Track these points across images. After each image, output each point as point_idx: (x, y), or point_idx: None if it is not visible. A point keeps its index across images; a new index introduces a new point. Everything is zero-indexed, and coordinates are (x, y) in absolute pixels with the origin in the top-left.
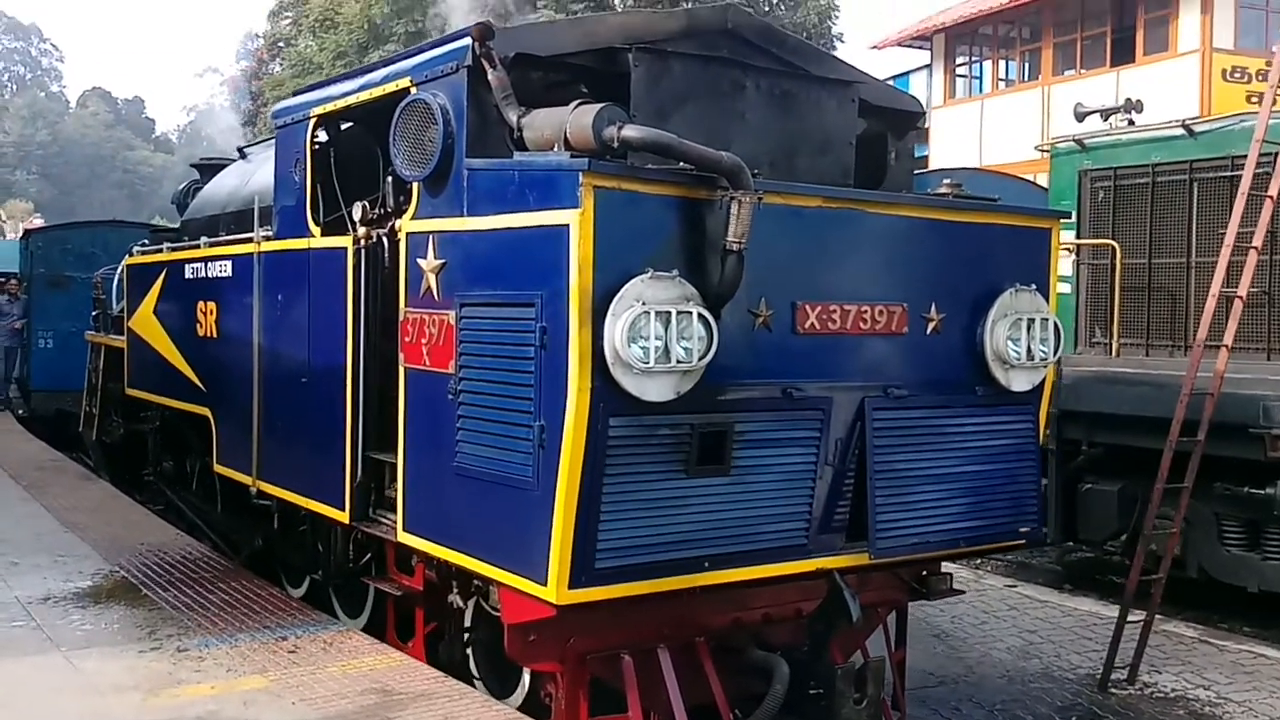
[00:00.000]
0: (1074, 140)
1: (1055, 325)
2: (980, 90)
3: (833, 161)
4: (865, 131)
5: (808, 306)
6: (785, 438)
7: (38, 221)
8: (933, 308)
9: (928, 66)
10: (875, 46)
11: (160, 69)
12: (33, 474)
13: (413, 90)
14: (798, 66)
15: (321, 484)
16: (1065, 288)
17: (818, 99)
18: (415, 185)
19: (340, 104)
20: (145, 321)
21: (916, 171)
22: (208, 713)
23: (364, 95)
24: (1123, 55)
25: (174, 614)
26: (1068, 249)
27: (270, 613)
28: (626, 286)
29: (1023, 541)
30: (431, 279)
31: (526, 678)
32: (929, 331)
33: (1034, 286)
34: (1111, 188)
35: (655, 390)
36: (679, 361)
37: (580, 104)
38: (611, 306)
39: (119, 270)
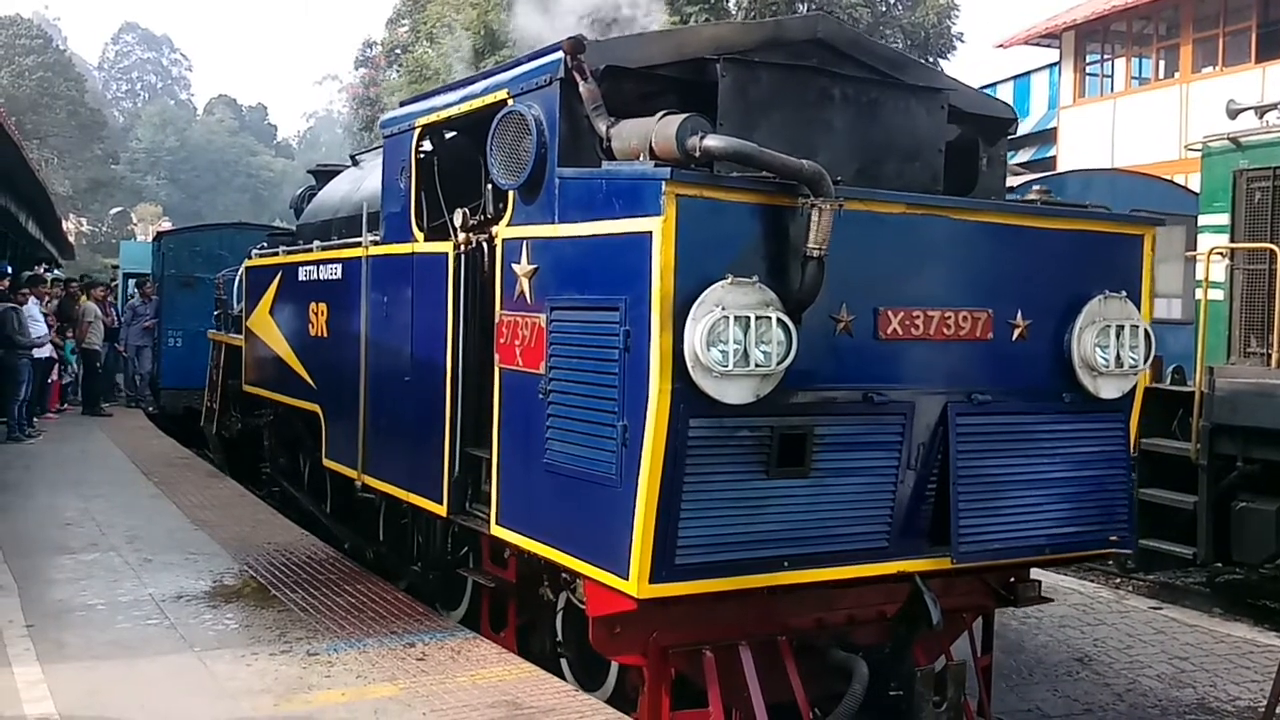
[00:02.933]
0: (1228, 139)
1: (1146, 332)
2: (1112, 89)
3: (921, 168)
4: (957, 138)
5: (890, 312)
6: (866, 441)
7: (166, 225)
8: (1019, 314)
9: (1055, 64)
10: (1001, 45)
11: (282, 77)
12: (163, 470)
13: (509, 102)
14: (887, 74)
15: (421, 478)
16: (1218, 294)
17: (906, 106)
18: (511, 193)
19: (443, 114)
20: (262, 321)
21: (1038, 175)
22: None
23: (465, 106)
24: (1270, 50)
25: (302, 616)
26: (1221, 253)
27: (397, 618)
28: (707, 292)
29: (1113, 550)
30: (525, 283)
31: (614, 671)
32: (1014, 338)
33: (1124, 293)
34: (1270, 188)
35: (735, 393)
36: (758, 365)
37: (665, 114)
38: (692, 311)
39: (239, 271)
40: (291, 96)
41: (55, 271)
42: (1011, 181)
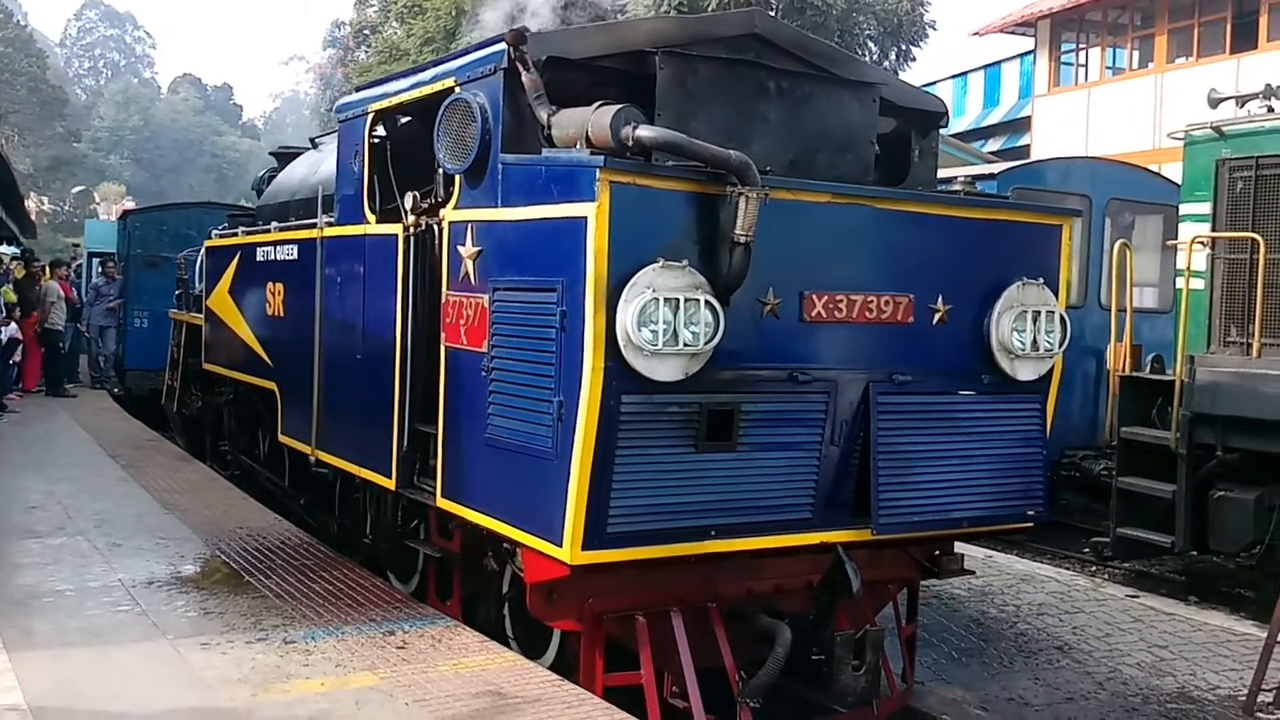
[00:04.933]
0: (1211, 127)
1: (1061, 318)
2: (1087, 78)
3: (853, 159)
4: (891, 131)
5: (815, 296)
6: (791, 418)
7: (129, 204)
8: (939, 299)
9: (1027, 54)
10: (976, 33)
11: (248, 57)
12: (130, 453)
13: (456, 89)
14: (821, 68)
15: (372, 453)
16: (1198, 284)
17: (840, 100)
18: (457, 177)
19: (395, 100)
20: (221, 301)
21: (1019, 163)
22: (320, 711)
23: (415, 93)
24: (1244, 41)
25: (278, 603)
26: (1202, 242)
27: (375, 605)
28: (638, 275)
29: (1029, 524)
30: (469, 265)
31: (556, 639)
32: (935, 322)
33: (1042, 280)
34: (1253, 178)
35: (664, 371)
36: (686, 345)
37: (601, 105)
38: (624, 293)
39: (200, 251)
40: (258, 77)
41: (9, 248)
42: (991, 169)
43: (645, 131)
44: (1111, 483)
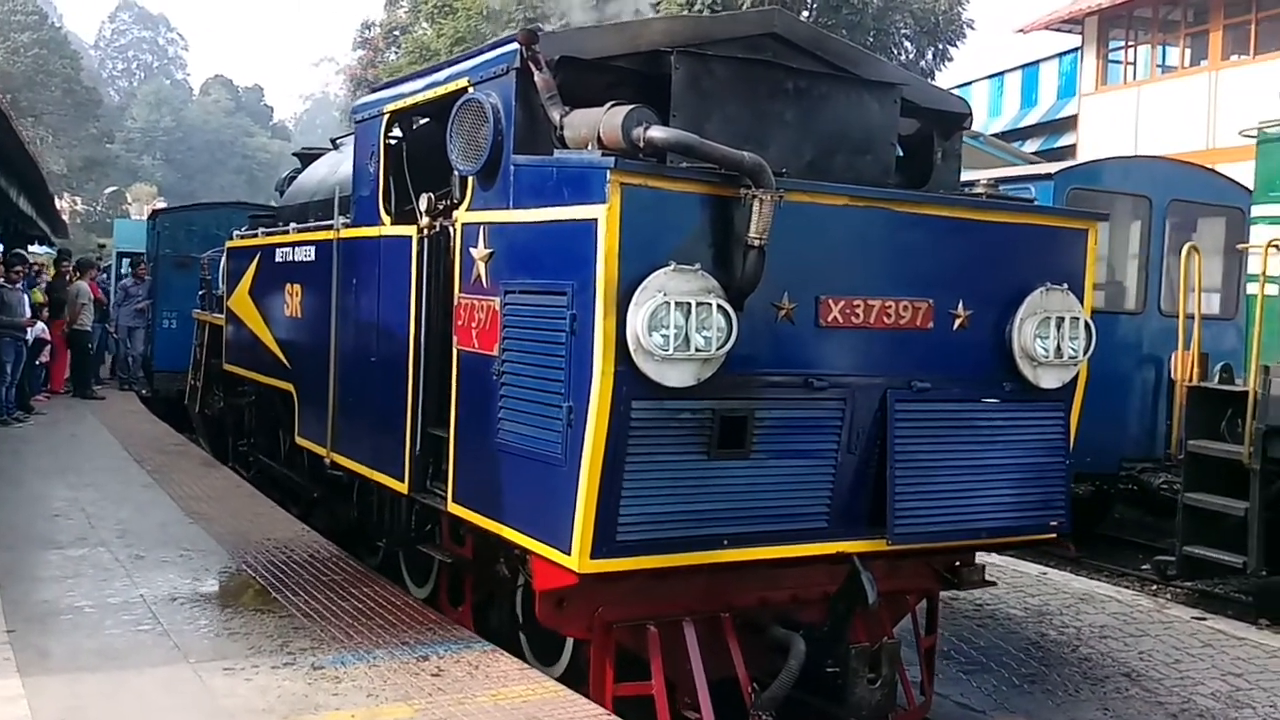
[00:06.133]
0: None
1: (1086, 324)
2: (1135, 76)
3: (873, 161)
4: (914, 132)
5: (831, 301)
6: (806, 425)
7: (161, 205)
8: (960, 305)
9: (1065, 53)
10: (1021, 30)
11: (279, 58)
12: (156, 458)
13: (469, 90)
14: (841, 68)
15: (385, 456)
16: (1274, 289)
17: (859, 100)
18: (470, 178)
19: (410, 101)
20: (241, 301)
21: (1076, 162)
22: None
23: (430, 94)
24: None
25: (306, 623)
26: (1277, 245)
27: (408, 626)
28: (649, 278)
29: (1052, 535)
30: (481, 267)
31: (569, 647)
32: (955, 328)
33: (1065, 286)
34: None
35: (676, 376)
36: (698, 350)
37: (613, 105)
38: (635, 296)
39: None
40: (288, 78)
41: (38, 249)
42: (1048, 169)
43: (657, 132)
44: (1174, 498)
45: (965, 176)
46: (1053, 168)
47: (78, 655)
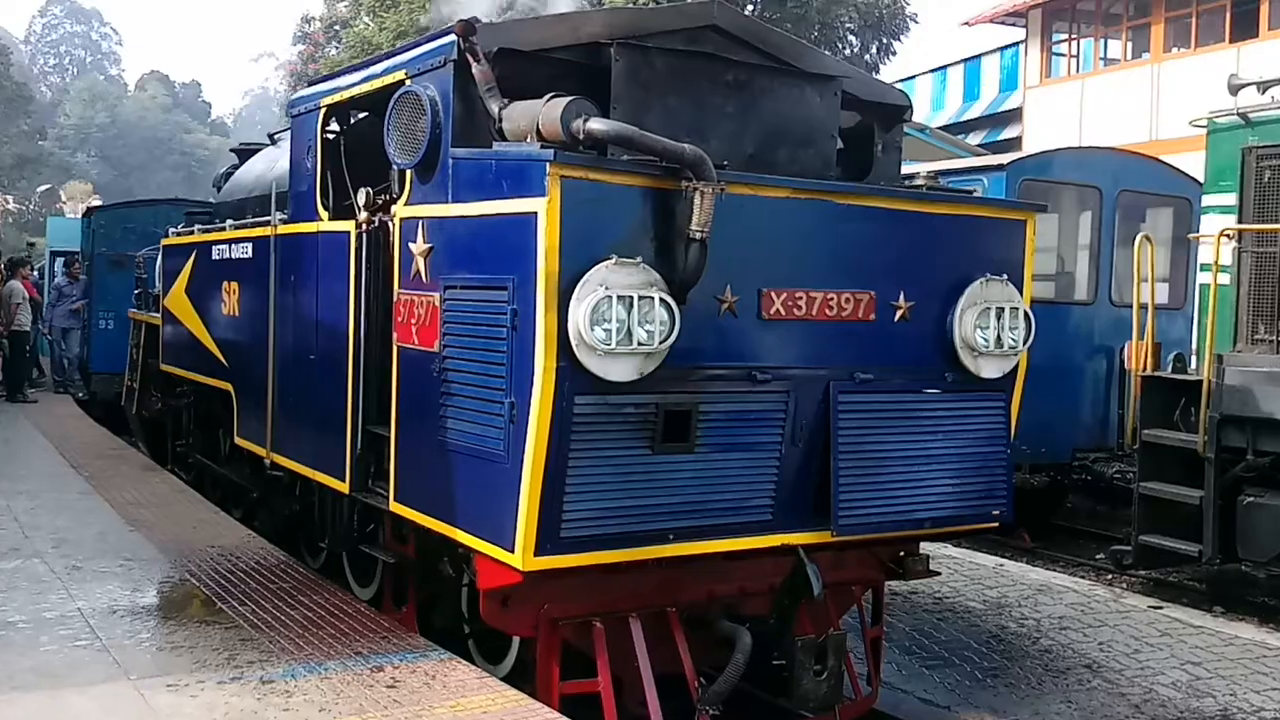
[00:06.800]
0: (1237, 114)
1: (1026, 314)
2: (1080, 69)
3: (814, 153)
4: (855, 125)
5: (773, 293)
6: (750, 417)
7: (96, 202)
8: (901, 296)
9: (1007, 47)
10: (966, 23)
11: (218, 53)
12: (94, 463)
13: (407, 82)
14: (782, 61)
15: (326, 456)
16: (1225, 279)
17: (800, 93)
18: (408, 172)
19: (347, 95)
20: (178, 300)
21: (1027, 153)
22: None
23: (367, 86)
24: (1244, 30)
25: (253, 634)
26: (1228, 235)
27: (360, 635)
28: (591, 272)
29: (994, 524)
30: (420, 262)
31: (515, 646)
32: (897, 319)
33: (1005, 276)
34: None
35: (618, 371)
36: (641, 344)
37: (552, 97)
38: (576, 291)
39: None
40: (227, 74)
41: None
42: (1000, 159)
43: (596, 124)
44: (1128, 487)
45: (913, 169)
46: (1004, 159)
47: (12, 675)
